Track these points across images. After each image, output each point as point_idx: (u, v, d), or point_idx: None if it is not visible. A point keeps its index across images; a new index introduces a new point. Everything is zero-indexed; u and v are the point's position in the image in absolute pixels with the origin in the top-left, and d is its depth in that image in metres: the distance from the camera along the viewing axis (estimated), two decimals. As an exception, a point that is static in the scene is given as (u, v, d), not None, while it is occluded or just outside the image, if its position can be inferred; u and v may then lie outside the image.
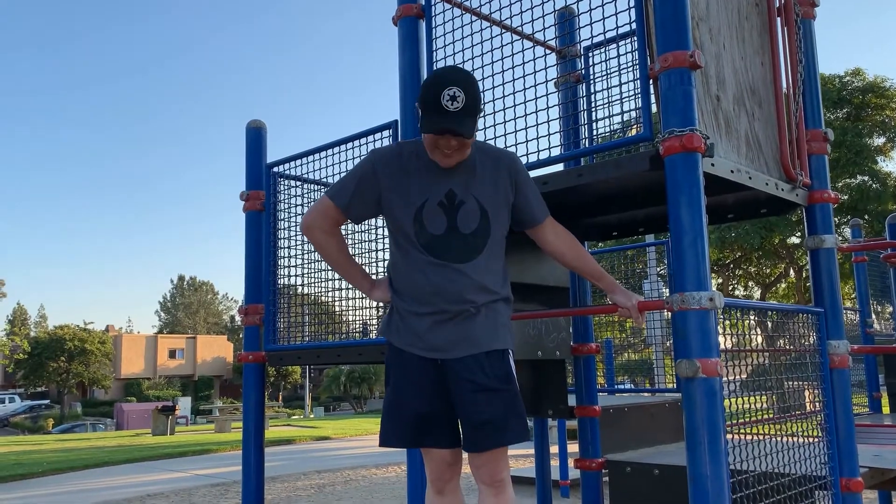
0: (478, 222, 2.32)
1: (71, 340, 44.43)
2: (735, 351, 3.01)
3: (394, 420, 2.35)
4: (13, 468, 13.34)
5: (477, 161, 2.37)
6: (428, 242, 2.30)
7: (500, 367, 2.30)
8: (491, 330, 2.32)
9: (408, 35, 3.19)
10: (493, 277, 2.35)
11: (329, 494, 9.71)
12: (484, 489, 2.33)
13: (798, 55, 3.22)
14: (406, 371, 2.34)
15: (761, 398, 3.07)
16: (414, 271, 2.33)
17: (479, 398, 2.24)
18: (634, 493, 3.58)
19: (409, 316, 2.34)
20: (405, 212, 2.33)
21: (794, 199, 3.06)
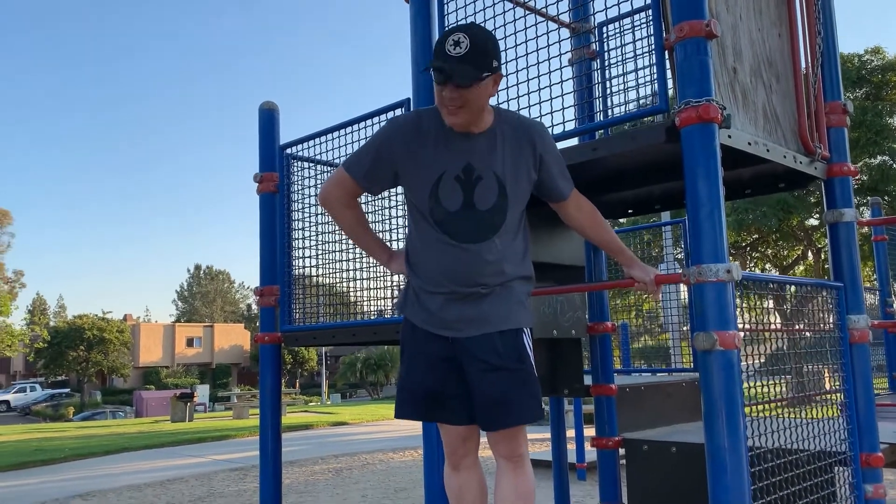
0: (495, 199, 2.25)
1: (90, 330, 44.89)
2: (753, 330, 2.98)
3: (406, 394, 2.35)
4: (35, 454, 13.54)
5: (498, 132, 2.28)
6: (442, 219, 2.25)
7: (513, 347, 2.26)
8: (504, 309, 2.28)
9: (420, 12, 3.16)
10: (509, 256, 2.30)
11: (347, 478, 9.77)
12: (502, 464, 2.33)
13: (816, 27, 3.16)
14: (419, 347, 2.33)
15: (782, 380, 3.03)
16: (427, 249, 2.30)
17: (492, 377, 2.22)
18: (651, 471, 3.57)
19: (422, 293, 2.33)
20: (421, 185, 2.28)
21: (812, 172, 3.01)
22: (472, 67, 2.11)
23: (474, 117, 2.23)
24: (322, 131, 3.76)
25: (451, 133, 2.26)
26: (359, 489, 8.83)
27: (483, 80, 2.15)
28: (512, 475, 2.31)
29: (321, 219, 3.87)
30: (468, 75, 2.11)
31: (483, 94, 2.20)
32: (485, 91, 2.19)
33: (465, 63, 2.10)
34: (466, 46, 2.10)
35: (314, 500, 8.14)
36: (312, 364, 51.13)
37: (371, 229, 2.60)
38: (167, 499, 8.60)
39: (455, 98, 2.15)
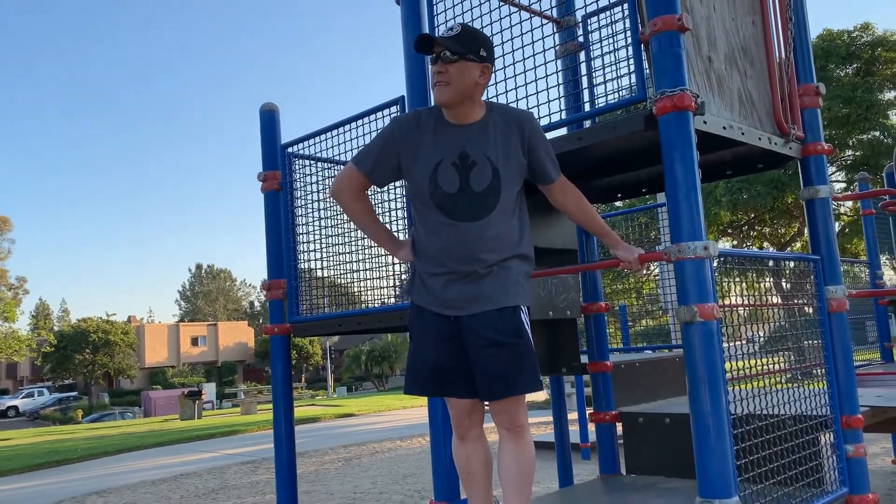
0: (489, 181, 2.43)
1: (95, 332, 45.13)
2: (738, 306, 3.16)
3: (414, 372, 2.53)
4: (49, 455, 13.75)
5: (490, 122, 2.49)
6: (441, 201, 2.44)
7: (512, 323, 2.43)
8: (503, 287, 2.45)
9: (410, 14, 3.32)
10: (505, 234, 2.46)
11: (356, 466, 9.98)
12: (504, 434, 2.51)
13: (788, 13, 3.32)
14: (424, 327, 2.51)
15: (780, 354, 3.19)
16: (429, 232, 2.49)
17: (492, 352, 2.39)
18: (647, 441, 3.76)
19: (426, 276, 2.51)
20: (421, 173, 2.47)
21: (787, 152, 3.18)
22: (458, 45, 2.39)
23: (458, 96, 2.43)
24: (321, 130, 3.93)
25: (447, 125, 2.48)
26: (368, 476, 9.03)
27: (468, 59, 2.40)
28: (513, 444, 2.49)
29: (324, 214, 4.05)
30: (453, 49, 2.38)
31: (468, 76, 2.41)
32: (470, 73, 2.41)
33: (453, 41, 2.40)
34: (458, 31, 2.43)
35: (325, 488, 8.35)
36: (317, 358, 51.41)
37: (379, 220, 2.80)
38: (182, 492, 8.80)
39: (441, 73, 2.40)
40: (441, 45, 2.41)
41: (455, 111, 2.47)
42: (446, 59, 2.39)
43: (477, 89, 2.46)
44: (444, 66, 2.40)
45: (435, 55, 2.43)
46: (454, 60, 2.39)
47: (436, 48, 2.43)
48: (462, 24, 2.48)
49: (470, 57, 2.40)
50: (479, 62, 2.42)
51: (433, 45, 2.43)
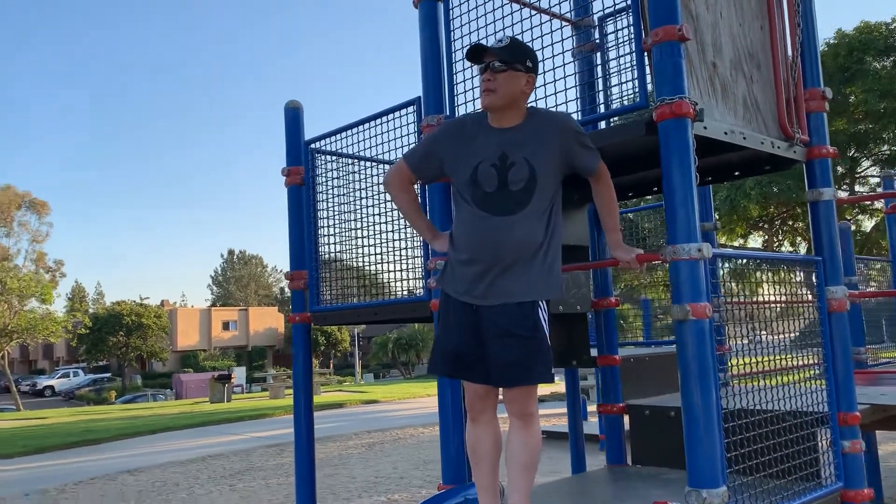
0: (525, 179, 2.59)
1: (128, 315, 46.00)
2: (740, 303, 3.27)
3: (438, 354, 2.73)
4: (84, 434, 14.20)
5: (530, 124, 2.66)
6: (481, 199, 2.62)
7: (529, 317, 2.57)
8: (524, 282, 2.59)
9: (427, 17, 3.45)
10: (534, 232, 2.60)
11: (378, 452, 10.20)
12: (514, 421, 2.66)
13: (796, 18, 3.39)
14: (449, 313, 2.70)
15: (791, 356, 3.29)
16: (464, 224, 2.67)
17: (506, 342, 2.54)
18: (652, 433, 3.87)
19: (456, 265, 2.69)
20: (463, 172, 2.67)
21: (791, 155, 3.26)
22: (507, 55, 2.57)
23: (504, 102, 2.60)
24: (343, 127, 4.08)
25: (490, 130, 2.67)
26: (390, 461, 9.24)
27: (515, 69, 2.58)
28: (522, 432, 2.64)
29: (344, 208, 4.21)
30: (503, 59, 2.56)
31: (514, 84, 2.59)
32: (516, 82, 2.59)
33: (503, 52, 2.57)
34: (507, 42, 2.61)
35: (348, 472, 8.57)
36: (346, 345, 51.92)
37: (421, 212, 3.05)
38: (209, 473, 9.09)
39: (490, 80, 2.58)
40: (492, 55, 2.58)
41: (499, 116, 2.65)
42: (495, 68, 2.57)
43: (522, 97, 2.64)
44: (492, 75, 2.57)
45: (484, 65, 2.60)
46: (503, 70, 2.57)
47: (486, 58, 2.60)
48: (510, 37, 2.67)
49: (517, 67, 2.58)
50: (525, 72, 2.60)
51: (483, 55, 2.60)
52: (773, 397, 3.08)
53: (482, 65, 2.62)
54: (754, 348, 3.21)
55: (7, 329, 32.89)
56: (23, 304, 34.19)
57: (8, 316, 33.02)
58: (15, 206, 50.95)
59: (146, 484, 8.55)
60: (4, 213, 50.15)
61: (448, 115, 3.38)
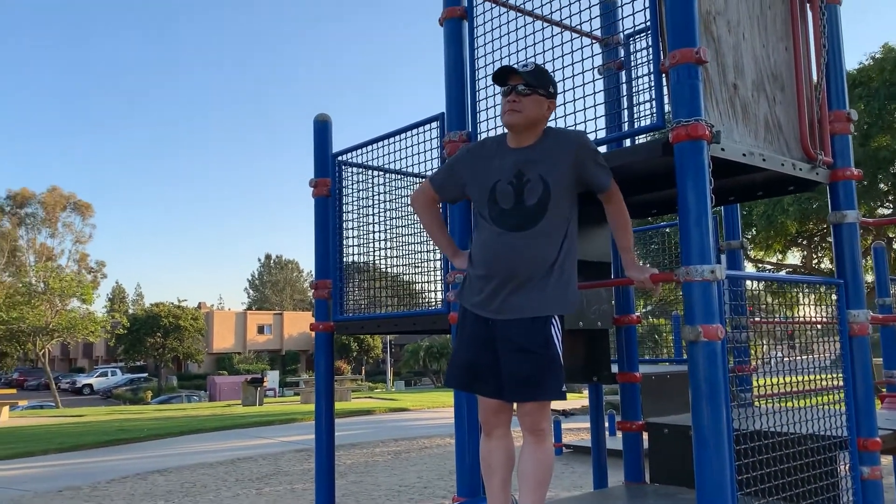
0: (539, 195, 2.66)
1: (166, 317, 46.75)
2: (756, 323, 3.26)
3: (453, 366, 2.80)
4: (118, 433, 14.48)
5: (544, 142, 2.75)
6: (497, 215, 2.70)
7: (541, 333, 2.62)
8: (537, 298, 2.64)
9: (452, 35, 3.51)
10: (549, 248, 2.66)
11: (405, 460, 10.24)
12: (526, 436, 2.70)
13: (822, 40, 3.38)
14: (465, 327, 2.77)
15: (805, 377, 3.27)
16: (482, 240, 2.75)
17: (519, 358, 2.59)
18: (671, 451, 3.87)
19: (474, 280, 2.76)
20: (482, 190, 2.76)
21: (814, 177, 3.25)
22: (533, 79, 2.68)
23: (526, 123, 2.71)
24: (369, 141, 4.16)
25: (508, 150, 2.77)
26: (415, 470, 9.28)
27: (539, 94, 2.69)
28: (534, 447, 2.68)
29: (370, 220, 4.28)
30: (529, 83, 2.67)
31: (537, 108, 2.71)
32: (539, 106, 2.71)
33: (529, 75, 2.68)
34: (532, 68, 2.73)
35: (373, 480, 8.63)
36: (377, 352, 52.14)
37: (444, 229, 3.18)
38: (237, 476, 9.22)
39: (515, 101, 2.68)
40: (518, 79, 2.68)
41: (517, 136, 2.75)
42: (521, 91, 2.67)
43: (542, 121, 2.74)
44: (517, 97, 2.67)
45: (509, 87, 2.69)
46: (528, 93, 2.67)
47: (511, 80, 2.70)
48: (535, 63, 2.78)
49: (541, 92, 2.69)
50: (547, 98, 2.72)
51: (508, 77, 2.70)
52: (792, 419, 3.06)
53: (507, 87, 2.71)
54: (776, 369, 3.21)
55: (49, 328, 33.68)
56: (64, 303, 34.99)
57: (50, 315, 33.81)
58: (60, 207, 52.35)
59: (175, 484, 8.71)
60: (50, 215, 51.52)
61: (470, 131, 3.43)
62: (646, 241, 8.51)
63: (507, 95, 2.70)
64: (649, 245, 8.36)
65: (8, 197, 51.87)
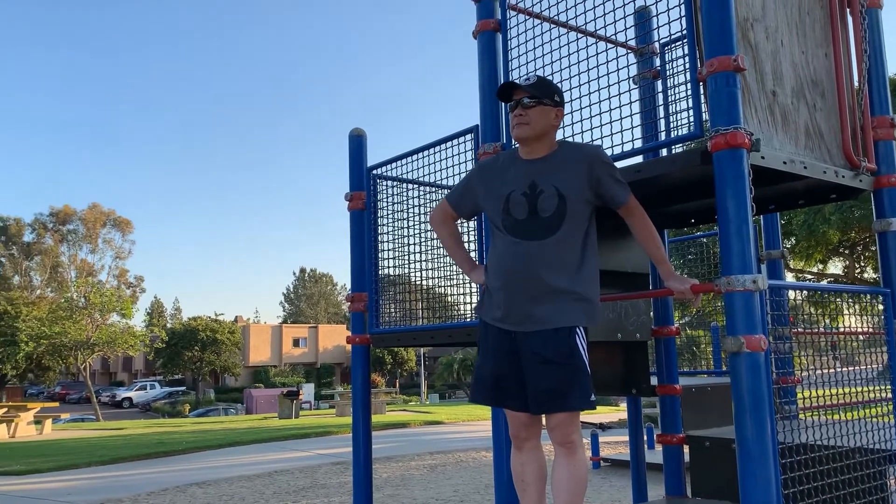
0: (555, 206, 2.66)
1: (203, 331, 47.31)
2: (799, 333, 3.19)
3: (478, 382, 2.78)
4: (157, 446, 14.65)
5: (559, 155, 2.75)
6: (511, 226, 2.70)
7: (566, 344, 2.60)
8: (559, 309, 2.63)
9: (486, 47, 3.52)
10: (567, 258, 2.65)
11: (440, 474, 10.20)
12: (557, 449, 2.67)
13: (863, 45, 3.32)
14: (488, 341, 2.75)
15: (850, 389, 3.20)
16: (497, 251, 2.76)
17: (544, 369, 2.57)
18: (713, 465, 3.80)
19: (493, 292, 2.75)
20: (495, 202, 2.77)
21: (857, 185, 3.18)
22: (536, 91, 2.69)
23: (536, 133, 2.71)
24: (403, 154, 4.18)
25: (521, 161, 2.77)
26: (451, 484, 9.23)
27: (544, 104, 2.68)
28: (566, 460, 2.65)
29: (404, 232, 4.29)
30: (533, 95, 2.68)
31: (545, 118, 2.70)
32: (546, 116, 2.71)
33: (533, 88, 2.69)
34: (534, 80, 2.74)
35: (409, 493, 8.60)
36: (412, 364, 52.17)
37: (462, 245, 3.18)
38: (274, 489, 9.26)
39: (522, 115, 2.69)
40: (523, 92, 2.69)
41: (530, 148, 2.75)
42: (525, 104, 2.68)
43: (551, 130, 2.74)
44: (523, 111, 2.69)
45: (515, 102, 2.71)
46: (533, 105, 2.68)
47: (516, 95, 2.71)
48: (536, 75, 2.80)
49: (546, 102, 2.69)
50: (553, 106, 2.72)
51: (512, 93, 2.73)
52: (839, 432, 2.99)
53: (512, 102, 2.74)
54: (821, 381, 3.13)
55: (90, 342, 34.31)
56: (105, 318, 35.64)
57: (91, 329, 34.45)
58: (100, 223, 53.48)
59: (214, 497, 8.78)
60: (90, 231, 52.63)
61: (504, 143, 3.43)
62: (682, 251, 8.41)
63: (514, 110, 2.73)
64: (686, 255, 8.27)
65: (51, 214, 53.18)
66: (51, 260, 51.69)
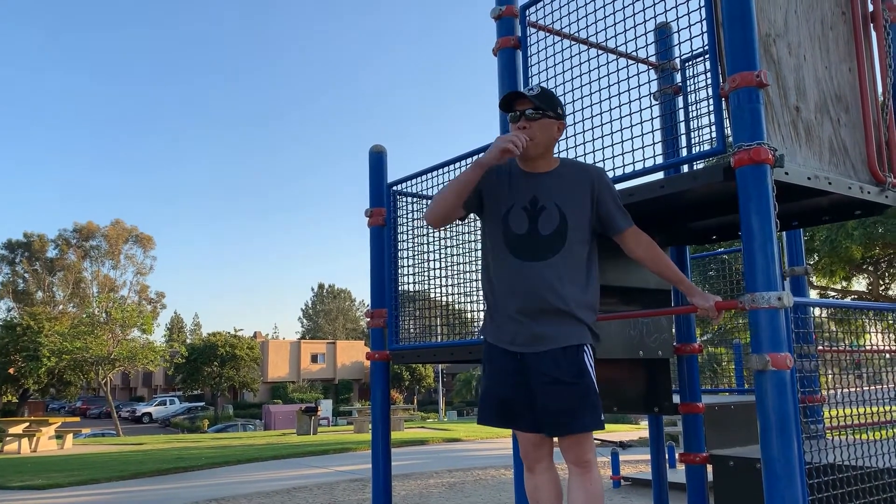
0: (556, 225, 2.63)
1: (223, 346, 47.42)
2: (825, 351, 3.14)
3: (485, 404, 2.72)
4: (177, 462, 14.68)
5: (562, 172, 2.72)
6: (511, 241, 2.66)
7: (574, 363, 2.57)
8: (566, 328, 2.59)
9: (506, 64, 3.53)
10: (570, 277, 2.62)
11: (459, 492, 10.12)
12: (572, 469, 2.63)
13: (888, 60, 3.29)
14: (494, 362, 2.71)
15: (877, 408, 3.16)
16: (499, 269, 2.69)
17: (554, 389, 2.53)
18: (737, 485, 3.73)
19: (496, 313, 2.71)
20: (496, 214, 2.72)
21: (883, 200, 3.15)
22: (541, 102, 2.64)
23: (541, 148, 2.67)
24: (423, 171, 4.19)
25: (522, 174, 2.72)
26: (470, 502, 9.16)
27: (548, 116, 2.65)
28: (581, 479, 2.61)
29: (425, 248, 4.29)
30: (537, 106, 2.63)
31: (549, 131, 2.67)
32: (549, 128, 2.67)
33: (536, 99, 2.64)
34: (538, 91, 2.68)
35: (427, 511, 8.54)
36: (430, 381, 52.01)
37: None
38: (293, 505, 9.22)
39: (525, 127, 2.64)
40: (527, 103, 2.64)
41: (531, 162, 2.71)
42: (530, 115, 2.63)
43: (553, 143, 2.71)
44: (527, 123, 2.64)
45: (518, 113, 2.66)
46: (538, 117, 2.63)
47: (518, 106, 2.66)
48: (539, 86, 2.73)
49: (549, 114, 2.65)
50: (556, 119, 2.68)
51: (515, 104, 2.67)
52: (867, 452, 2.94)
53: (513, 113, 2.68)
54: (848, 400, 3.09)
55: (110, 357, 34.55)
56: (126, 333, 35.91)
57: (112, 344, 34.71)
58: (122, 239, 54.03)
59: (232, 513, 8.76)
60: (113, 247, 53.19)
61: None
62: (703, 267, 8.35)
63: (516, 122, 2.66)
64: (707, 272, 8.20)
65: (75, 230, 53.82)
66: (73, 275, 52.21)
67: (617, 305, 3.80)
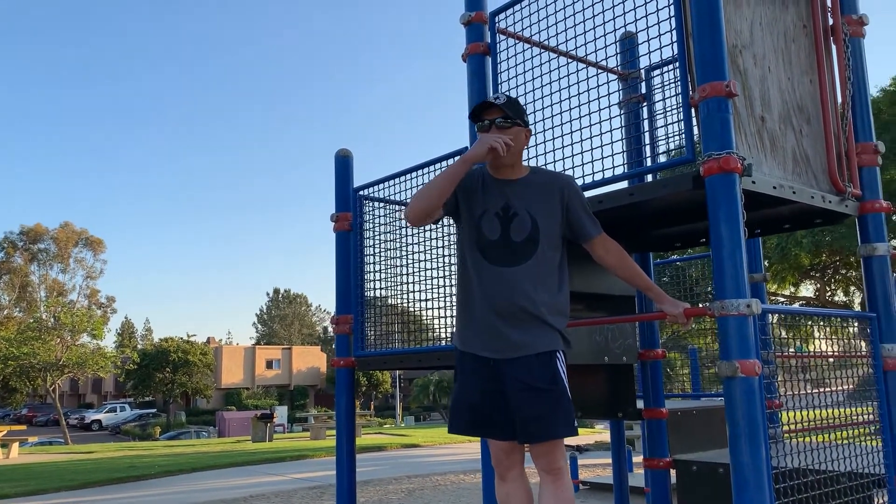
0: (528, 232, 2.64)
1: (175, 352, 46.57)
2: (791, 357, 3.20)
3: (455, 412, 2.71)
4: (129, 470, 14.33)
5: (533, 180, 2.73)
6: (484, 246, 2.66)
7: (548, 369, 2.57)
8: (539, 334, 2.60)
9: (476, 70, 3.53)
10: (542, 283, 2.62)
11: (418, 498, 10.08)
12: (543, 476, 2.63)
13: (847, 72, 3.38)
14: (465, 369, 2.69)
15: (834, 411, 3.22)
16: (472, 275, 2.69)
17: (527, 396, 2.53)
18: (701, 489, 3.79)
19: (469, 319, 2.69)
20: (470, 219, 2.72)
21: (843, 210, 3.22)
22: (511, 111, 2.67)
23: (512, 157, 2.69)
24: (391, 175, 4.17)
25: (494, 181, 2.74)
26: (430, 508, 9.12)
27: (517, 124, 2.68)
28: (552, 487, 2.61)
29: (391, 254, 4.26)
30: (506, 115, 2.66)
31: (519, 139, 2.70)
32: (519, 137, 2.70)
33: (506, 107, 2.67)
34: (505, 99, 2.70)
35: (387, 518, 8.48)
36: (387, 386, 51.78)
37: None
38: (250, 513, 9.07)
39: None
40: (496, 112, 2.66)
41: (503, 169, 2.72)
42: (500, 124, 2.66)
43: (521, 151, 2.74)
44: (498, 131, 2.66)
45: (487, 122, 2.68)
46: (508, 126, 2.66)
47: (487, 115, 2.68)
48: (506, 95, 2.76)
49: (518, 122, 2.68)
50: (524, 127, 2.72)
51: (483, 114, 2.69)
52: (829, 457, 2.99)
53: (481, 122, 2.70)
54: (806, 403, 3.14)
55: (59, 363, 33.65)
56: (75, 338, 35.00)
57: (60, 350, 33.80)
58: (72, 243, 52.72)
59: (188, 523, 8.59)
60: (62, 250, 51.86)
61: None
62: (658, 274, 8.46)
63: (486, 131, 2.68)
64: (660, 279, 8.30)
65: (21, 233, 52.31)
66: (20, 279, 50.74)
67: (583, 312, 3.83)
